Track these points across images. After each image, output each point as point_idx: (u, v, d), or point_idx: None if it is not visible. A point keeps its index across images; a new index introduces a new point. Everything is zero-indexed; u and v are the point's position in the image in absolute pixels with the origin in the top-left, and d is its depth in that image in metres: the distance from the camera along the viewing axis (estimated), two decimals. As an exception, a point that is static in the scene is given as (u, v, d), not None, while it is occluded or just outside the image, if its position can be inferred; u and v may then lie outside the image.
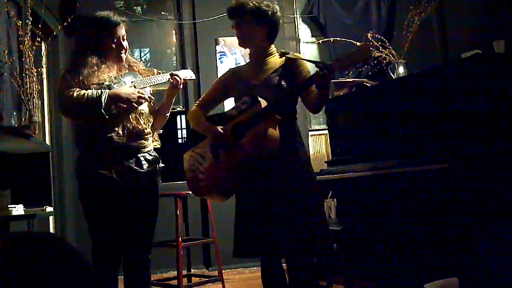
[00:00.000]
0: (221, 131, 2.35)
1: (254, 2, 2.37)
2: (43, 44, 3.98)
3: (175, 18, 5.28)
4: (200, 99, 2.63)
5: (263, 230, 2.25)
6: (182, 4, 5.19)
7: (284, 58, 2.42)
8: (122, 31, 2.48)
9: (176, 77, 2.54)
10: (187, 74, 2.64)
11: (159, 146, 2.70)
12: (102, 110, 2.32)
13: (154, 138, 2.67)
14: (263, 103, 2.26)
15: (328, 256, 3.55)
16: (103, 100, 2.32)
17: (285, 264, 2.37)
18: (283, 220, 2.22)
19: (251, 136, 2.26)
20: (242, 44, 2.46)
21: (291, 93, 2.30)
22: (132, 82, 2.49)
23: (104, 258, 2.44)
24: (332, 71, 2.15)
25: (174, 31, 5.32)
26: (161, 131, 2.79)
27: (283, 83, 2.35)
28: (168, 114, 2.67)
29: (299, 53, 4.57)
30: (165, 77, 2.58)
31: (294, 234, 2.20)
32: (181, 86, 2.59)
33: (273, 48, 2.47)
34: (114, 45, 2.46)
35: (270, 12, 2.37)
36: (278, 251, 2.29)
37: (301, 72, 2.39)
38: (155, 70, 2.67)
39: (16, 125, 3.12)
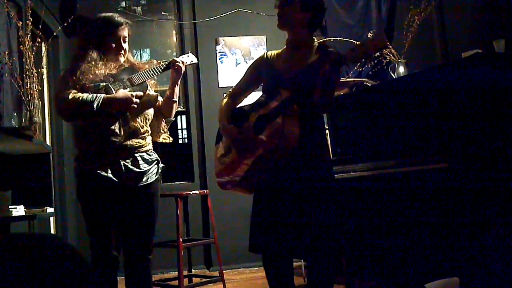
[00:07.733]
0: (237, 131, 2.28)
1: None
2: (43, 44, 3.98)
3: (175, 18, 5.28)
4: (232, 88, 2.54)
5: (283, 231, 2.16)
6: (182, 4, 5.19)
7: (320, 53, 2.22)
8: (123, 32, 2.52)
9: (178, 64, 2.59)
10: (188, 59, 2.68)
11: (169, 140, 2.65)
12: (95, 111, 2.33)
13: (163, 130, 2.64)
14: (285, 95, 2.15)
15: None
16: (95, 106, 2.33)
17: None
18: (304, 221, 2.14)
19: (270, 130, 2.17)
20: (281, 26, 2.31)
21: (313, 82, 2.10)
22: (130, 77, 2.48)
23: (101, 256, 2.45)
24: (346, 62, 2.07)
25: (174, 31, 5.32)
26: (173, 119, 2.72)
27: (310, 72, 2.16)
28: (176, 100, 2.65)
29: None
30: (163, 67, 2.59)
31: (317, 236, 2.12)
32: (184, 70, 2.64)
33: (312, 39, 2.33)
34: (114, 45, 2.49)
35: None
36: (300, 254, 2.23)
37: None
38: (155, 61, 2.68)
39: (17, 126, 3.12)
